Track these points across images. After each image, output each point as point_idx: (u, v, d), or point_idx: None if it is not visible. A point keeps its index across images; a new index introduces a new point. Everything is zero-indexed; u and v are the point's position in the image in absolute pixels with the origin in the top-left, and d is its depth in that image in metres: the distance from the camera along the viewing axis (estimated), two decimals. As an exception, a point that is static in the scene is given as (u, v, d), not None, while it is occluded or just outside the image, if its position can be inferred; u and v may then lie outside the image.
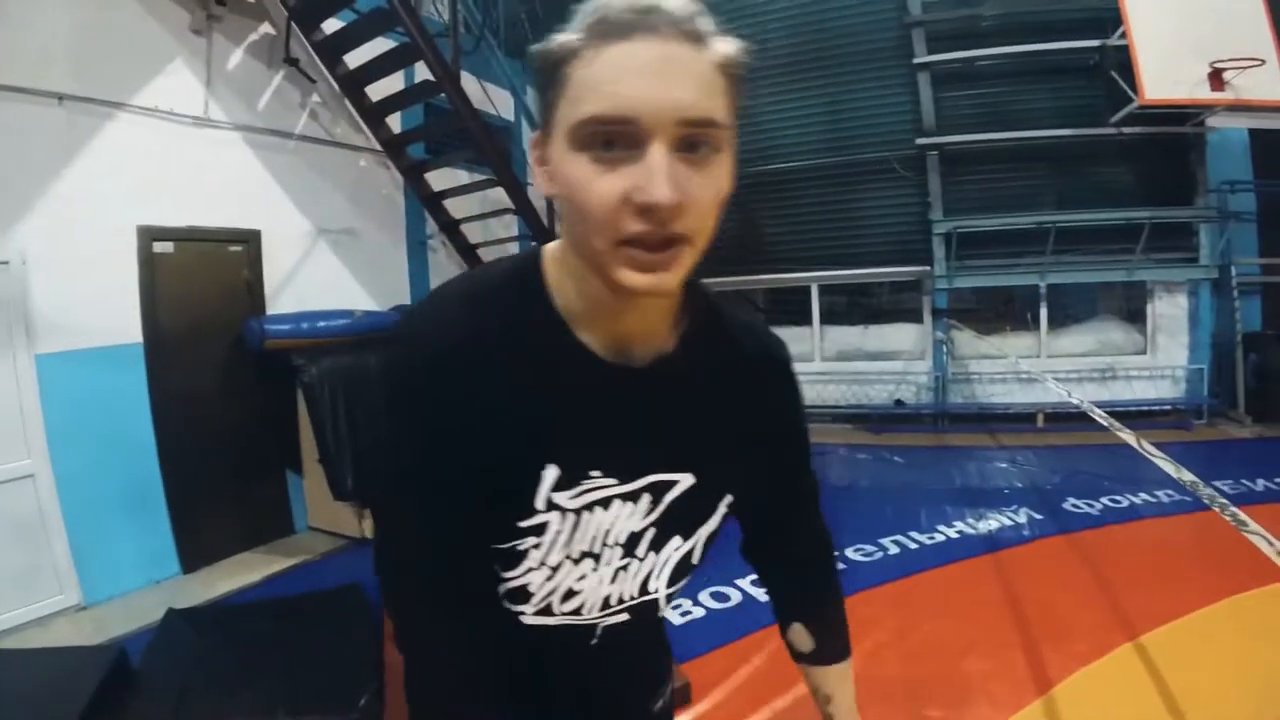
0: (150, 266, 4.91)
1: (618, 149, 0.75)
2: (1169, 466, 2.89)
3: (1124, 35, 6.59)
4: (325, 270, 6.16)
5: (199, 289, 5.22)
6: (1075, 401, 4.20)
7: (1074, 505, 5.37)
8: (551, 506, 0.93)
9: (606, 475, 0.95)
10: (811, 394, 9.13)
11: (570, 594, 1.00)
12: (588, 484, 0.94)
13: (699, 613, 4.08)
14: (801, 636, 1.24)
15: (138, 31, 4.81)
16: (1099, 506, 5.30)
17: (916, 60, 7.75)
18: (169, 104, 4.98)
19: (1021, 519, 5.21)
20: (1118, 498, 5.42)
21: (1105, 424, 3.61)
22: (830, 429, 8.74)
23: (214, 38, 5.25)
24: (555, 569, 0.97)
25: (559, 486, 0.92)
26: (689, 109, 0.75)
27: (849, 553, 4.77)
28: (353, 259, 6.45)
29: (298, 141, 5.88)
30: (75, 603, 4.50)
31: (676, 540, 1.04)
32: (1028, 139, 7.66)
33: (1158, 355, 7.95)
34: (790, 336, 9.45)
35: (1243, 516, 2.21)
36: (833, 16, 8.06)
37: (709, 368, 1.00)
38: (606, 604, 1.03)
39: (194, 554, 5.12)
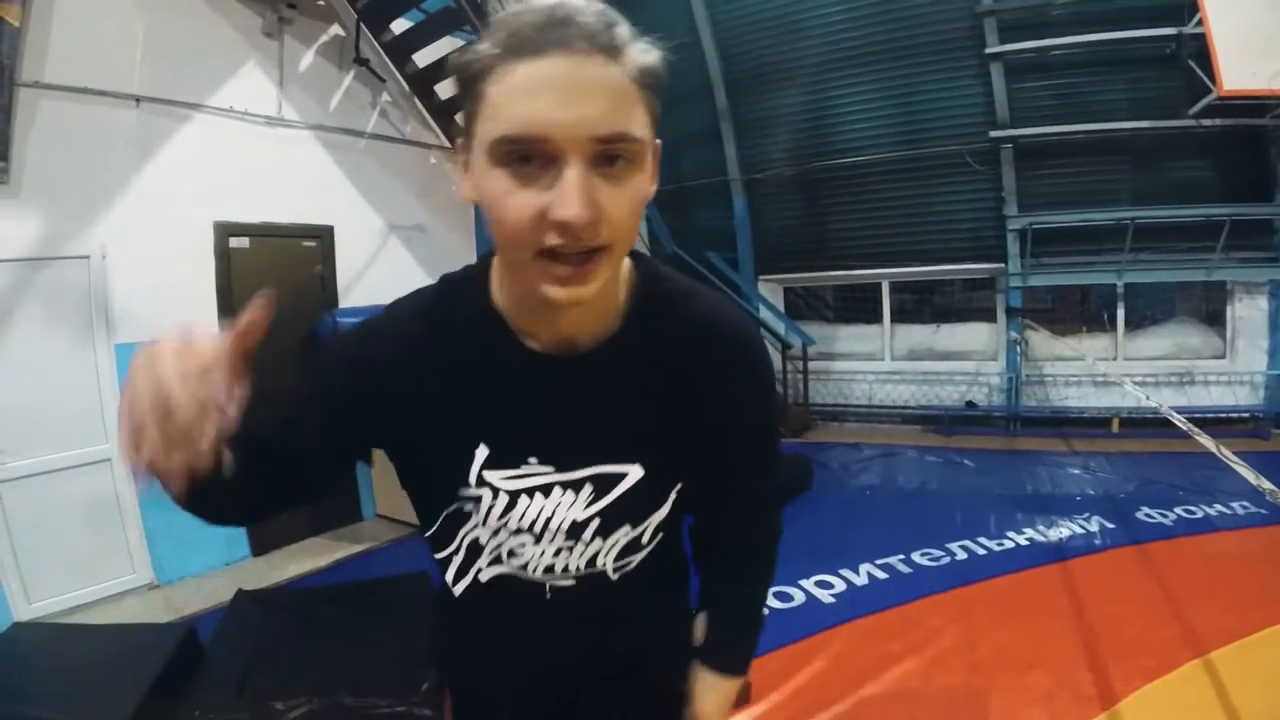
0: (226, 260, 5.08)
1: (534, 164, 0.76)
2: (1249, 474, 2.76)
3: (1200, 23, 6.32)
4: (396, 266, 6.28)
5: (273, 283, 5.25)
6: (1154, 406, 4.04)
7: (1147, 514, 5.19)
8: (483, 483, 1.00)
9: (544, 463, 0.99)
10: (881, 394, 9.00)
11: (513, 552, 1.05)
12: (525, 469, 0.99)
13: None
14: (699, 627, 1.23)
15: (211, 35, 5.00)
16: (1172, 517, 5.11)
17: (989, 50, 7.51)
18: (243, 104, 5.16)
19: (1093, 527, 5.04)
20: (1192, 508, 5.22)
21: (1184, 429, 3.47)
22: (899, 430, 8.59)
23: (285, 40, 5.42)
24: (495, 533, 1.04)
25: (490, 465, 0.99)
26: (601, 126, 0.75)
27: (915, 556, 4.68)
28: (422, 255, 6.56)
29: (368, 140, 6.01)
30: (147, 582, 4.72)
31: (625, 528, 1.06)
32: (1103, 131, 7.37)
33: (1236, 360, 7.57)
34: (860, 335, 9.37)
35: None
36: (903, 6, 7.85)
37: (656, 353, 0.99)
38: (550, 570, 1.06)
39: (264, 538, 5.30)
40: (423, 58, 5.92)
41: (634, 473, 1.01)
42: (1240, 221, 7.04)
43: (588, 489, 1.01)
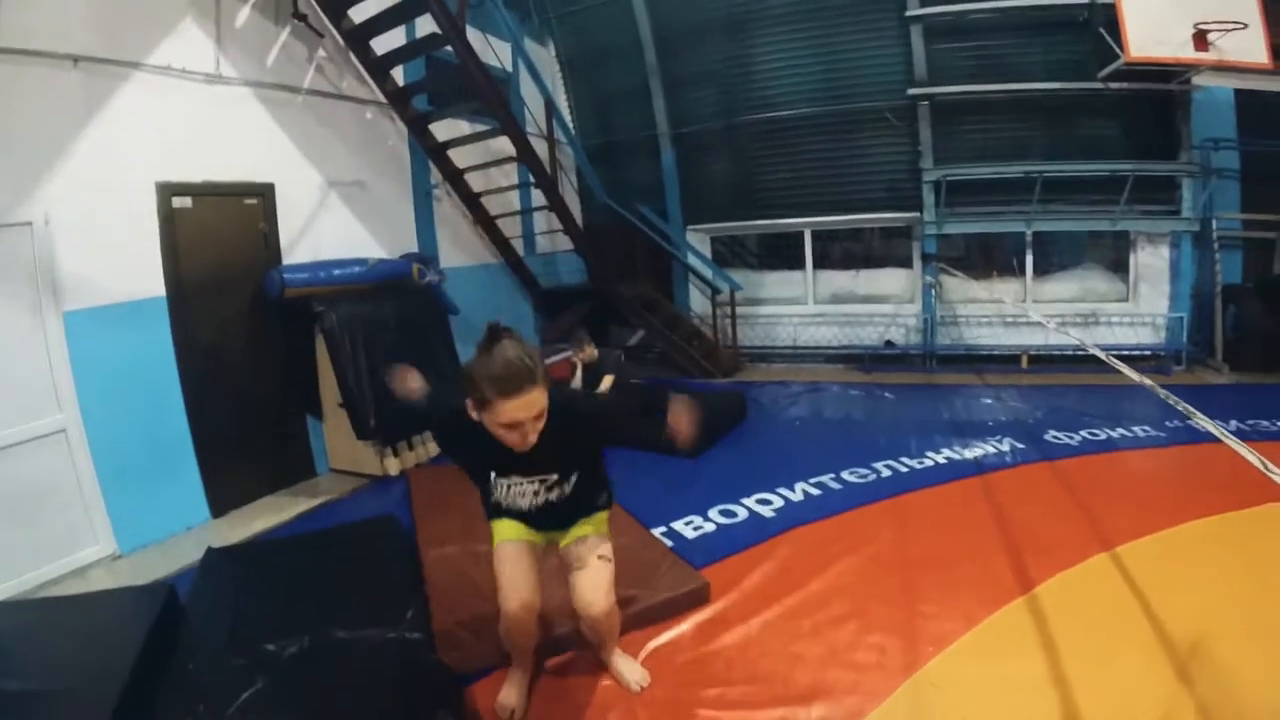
0: (170, 221, 5.04)
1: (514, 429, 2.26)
2: (1175, 403, 3.17)
3: (1112, -7, 6.73)
4: (336, 221, 6.34)
5: (217, 242, 5.37)
6: (1088, 348, 4.43)
7: (1054, 436, 5.66)
8: (498, 481, 2.62)
9: (517, 475, 2.59)
10: (805, 335, 9.43)
11: (515, 505, 2.66)
12: (513, 478, 2.60)
13: (710, 527, 4.40)
14: None
15: (147, -8, 4.89)
16: (1078, 439, 5.58)
17: (910, 13, 7.85)
18: (181, 62, 5.07)
19: (1005, 447, 5.50)
20: (1096, 431, 5.70)
21: (1118, 368, 3.86)
22: (823, 369, 9.04)
23: (222, -5, 5.34)
24: (506, 494, 2.65)
25: (497, 476, 2.62)
26: (537, 410, 2.24)
27: (845, 475, 5.08)
28: (362, 209, 6.62)
29: (306, 96, 6.00)
30: (110, 552, 4.66)
31: (560, 488, 2.62)
32: (1017, 91, 7.82)
33: (1140, 304, 8.20)
34: (784, 280, 9.72)
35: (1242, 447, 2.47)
36: (828, -32, 8.16)
37: (552, 430, 2.34)
38: (535, 506, 2.64)
39: (223, 499, 5.34)
40: (359, 12, 5.95)
41: (553, 474, 2.60)
42: (1145, 177, 7.59)
43: (537, 480, 2.59)
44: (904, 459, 5.35)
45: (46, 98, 4.34)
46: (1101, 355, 4.12)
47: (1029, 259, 8.58)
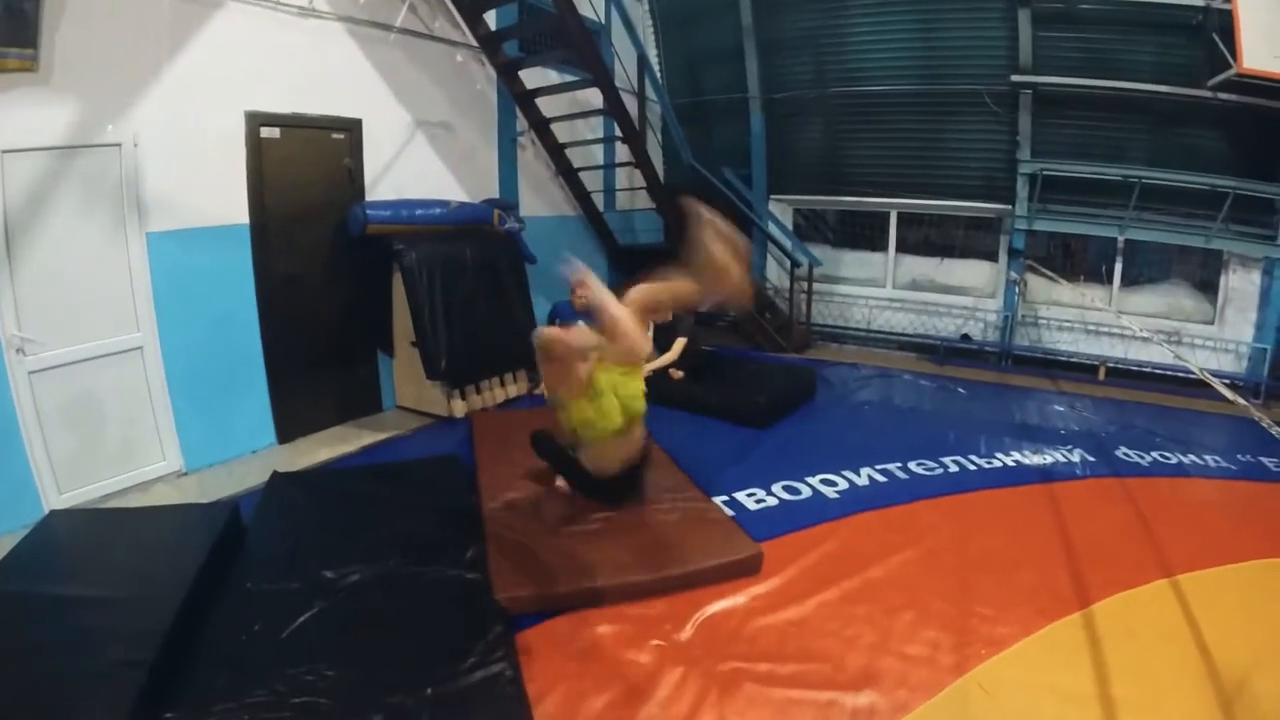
0: (257, 151, 5.10)
1: None
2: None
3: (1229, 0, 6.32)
4: (420, 161, 6.34)
5: (302, 174, 5.43)
6: (1197, 370, 4.21)
7: (1125, 454, 5.43)
8: None
9: None
10: (880, 319, 9.20)
11: None
12: None
13: (772, 501, 4.35)
14: None
15: (242, -77, 4.90)
16: (1149, 459, 5.35)
17: (1020, -5, 7.49)
18: (275, -5, 5.10)
19: (1075, 458, 5.30)
20: (1168, 454, 5.44)
21: (1226, 394, 3.68)
22: (895, 355, 8.80)
23: (317, -71, 5.34)
24: None
25: None
26: None
27: (912, 465, 4.96)
28: (446, 151, 6.61)
29: (398, 34, 5.96)
30: (176, 469, 4.81)
31: None
32: (1123, 90, 7.39)
33: (1224, 328, 7.73)
34: (863, 261, 9.48)
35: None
36: (934, -60, 7.81)
37: None
38: None
39: (290, 425, 5.46)
40: (455, -47, 5.88)
41: None
42: (1243, 196, 7.14)
43: None
44: (973, 457, 5.19)
45: (141, 22, 4.40)
46: (1211, 380, 3.90)
47: (1118, 267, 8.17)
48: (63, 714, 2.26)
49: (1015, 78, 7.74)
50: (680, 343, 6.26)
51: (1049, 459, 5.25)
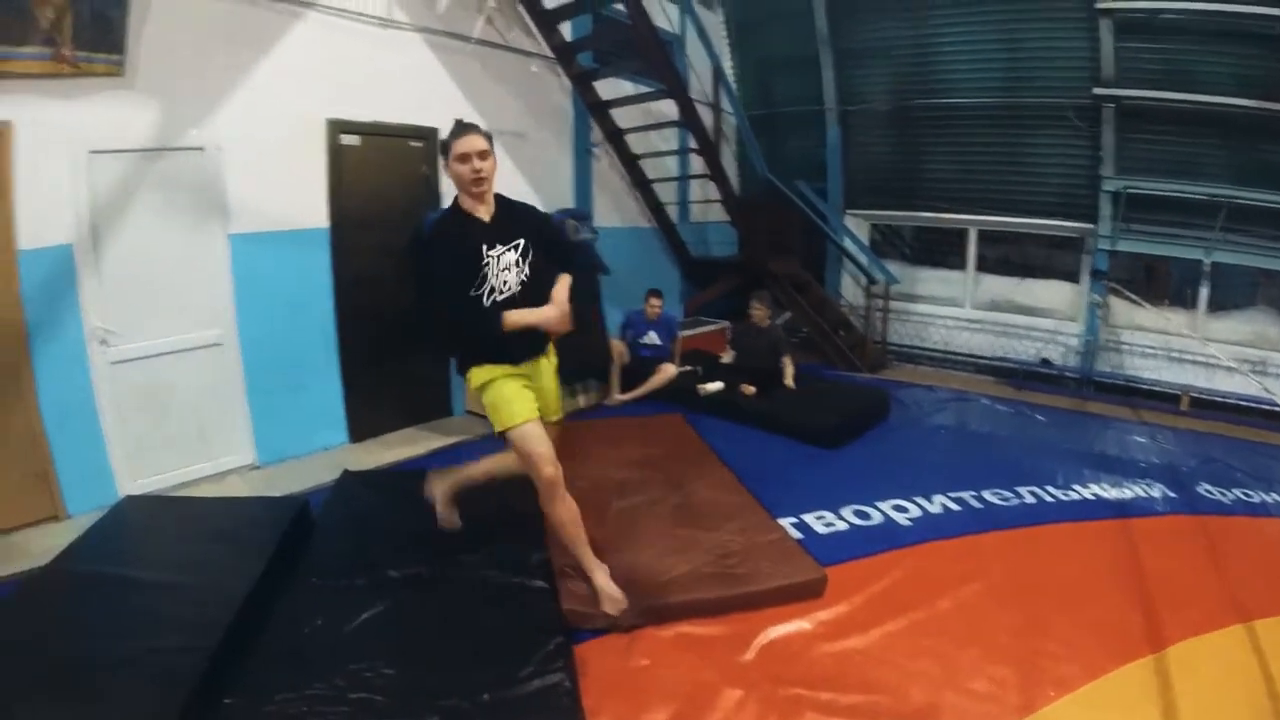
0: (337, 157, 5.23)
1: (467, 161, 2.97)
2: None
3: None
4: (496, 171, 6.34)
5: (381, 181, 5.54)
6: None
7: (1207, 490, 5.16)
8: (485, 258, 2.99)
9: (500, 245, 3.03)
10: (957, 341, 8.94)
11: (503, 285, 3.03)
12: (497, 249, 3.02)
13: (842, 526, 4.23)
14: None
15: (325, -63, 5.04)
16: (1231, 497, 5.07)
17: (1100, 5, 7.20)
18: (356, 5, 5.22)
19: (1154, 493, 5.06)
20: (1250, 492, 5.16)
21: None
22: (972, 378, 8.53)
23: (396, -58, 5.45)
24: (497, 275, 3.01)
25: (488, 249, 3.00)
26: (479, 149, 2.99)
27: (986, 494, 4.79)
28: (522, 161, 6.68)
29: (474, 45, 6.05)
30: (250, 462, 4.97)
31: (529, 260, 3.10)
32: (1213, 105, 7.06)
33: (1314, 358, 7.35)
34: (940, 279, 9.24)
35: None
36: (1012, -50, 7.58)
37: (507, 212, 3.14)
38: (512, 287, 3.05)
39: (361, 426, 5.57)
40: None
41: (520, 242, 3.09)
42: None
43: (512, 249, 3.06)
44: (1049, 488, 4.99)
45: (223, 29, 4.56)
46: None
47: (1204, 291, 7.77)
48: (124, 694, 2.31)
49: (1098, 90, 7.45)
50: (788, 365, 6.27)
51: (1127, 493, 5.02)
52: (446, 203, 5.83)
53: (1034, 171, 8.30)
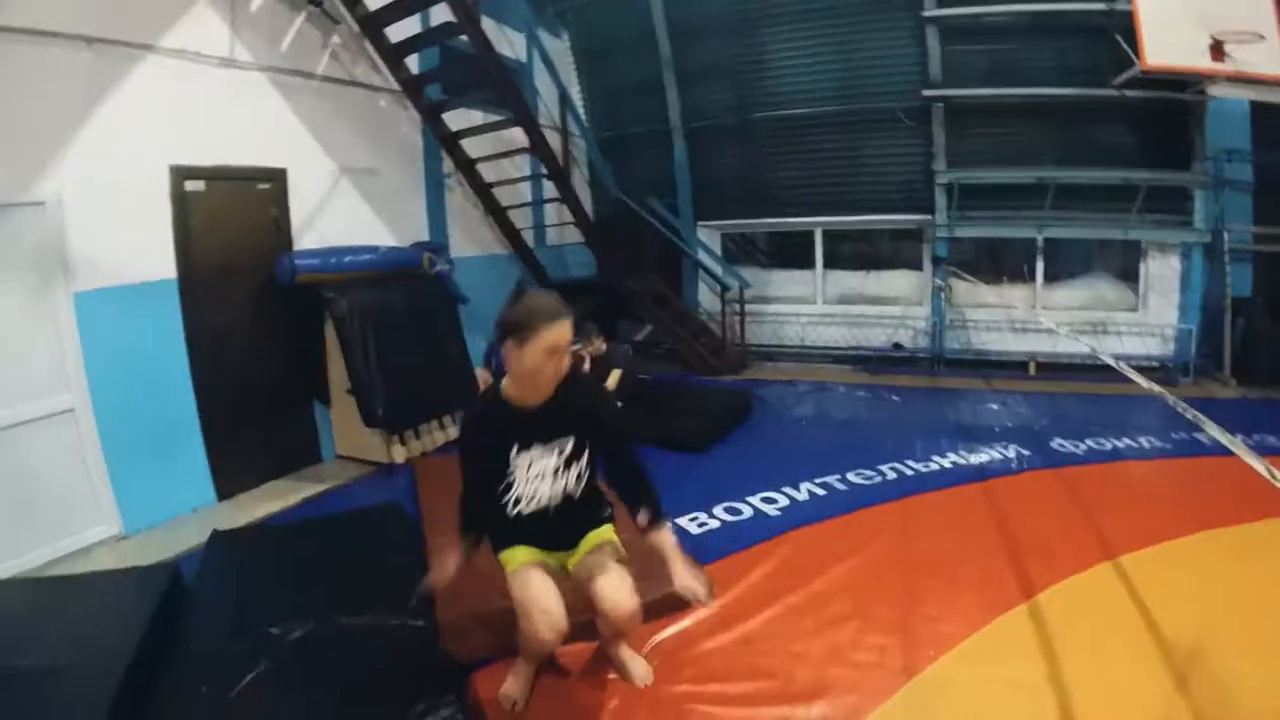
0: (182, 204, 5.05)
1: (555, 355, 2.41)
2: (1187, 413, 3.17)
3: (1130, 0, 6.67)
4: (348, 208, 6.35)
5: (229, 226, 5.38)
6: (1102, 356, 4.41)
7: (1060, 444, 5.64)
8: (518, 457, 2.55)
9: (538, 445, 2.56)
10: (813, 335, 9.43)
11: (534, 495, 2.58)
12: (533, 449, 2.56)
13: (714, 524, 4.41)
14: (642, 516, 2.63)
15: (162, -25, 4.89)
16: (1084, 447, 5.56)
17: (926, 13, 7.82)
18: (195, 46, 5.08)
19: (1011, 454, 5.49)
20: (1102, 441, 5.67)
21: (1131, 377, 3.86)
22: (829, 369, 9.01)
23: (237, -21, 5.34)
24: (526, 484, 2.56)
25: (519, 451, 2.55)
26: (569, 338, 2.43)
27: (850, 476, 5.08)
28: (374, 197, 6.63)
29: (320, 82, 5.99)
30: (115, 533, 4.68)
31: (574, 467, 2.61)
32: (1033, 96, 7.79)
33: (1149, 314, 8.16)
34: (793, 280, 9.71)
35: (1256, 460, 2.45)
36: (844, -34, 8.14)
37: (565, 401, 2.54)
38: (553, 497, 2.60)
39: (228, 482, 5.36)
40: (374, 0, 5.93)
41: (570, 441, 2.59)
42: (1157, 187, 7.56)
43: (555, 450, 2.57)
44: (910, 462, 5.35)
45: (60, 78, 4.36)
46: (1115, 364, 4.11)
47: (1039, 265, 8.54)
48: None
49: (927, 92, 8.08)
50: (616, 373, 6.33)
51: (985, 457, 5.43)
52: (299, 245, 5.94)
53: (872, 171, 8.90)
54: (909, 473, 5.17)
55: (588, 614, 2.88)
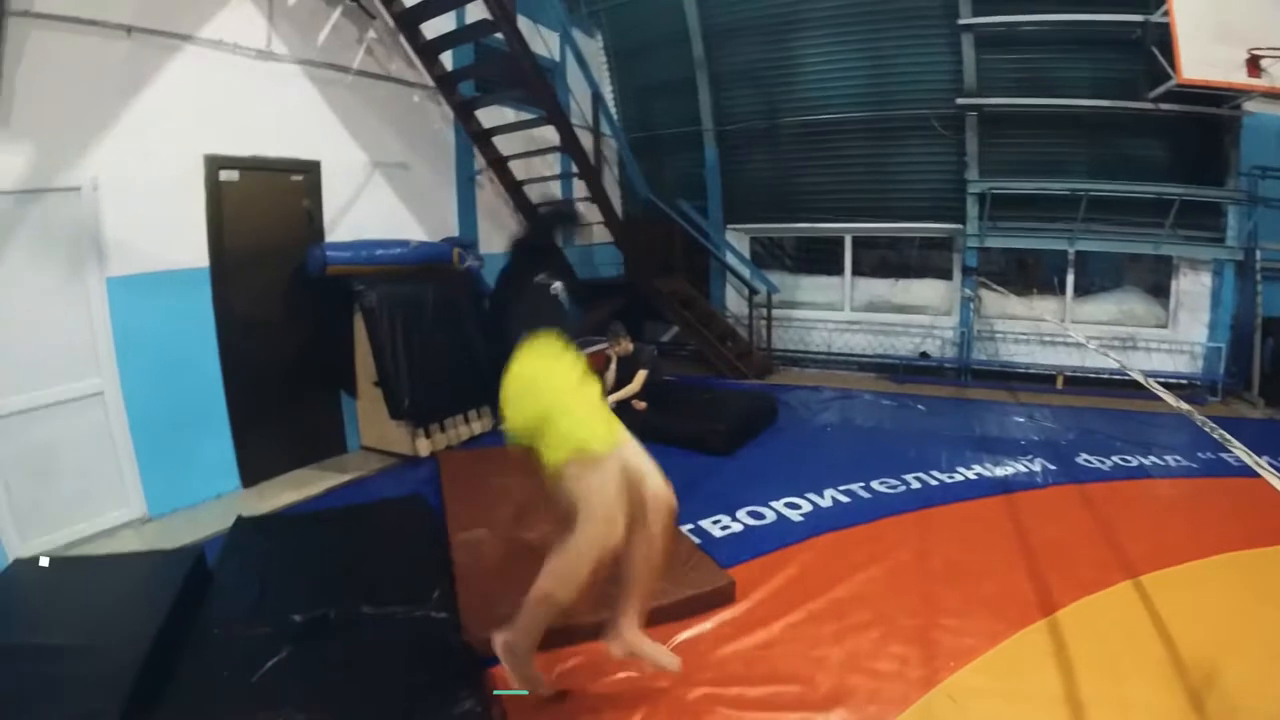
0: (216, 194, 5.11)
1: None
2: (1215, 433, 3.10)
3: (1166, 13, 6.56)
4: (379, 201, 6.38)
5: (262, 216, 5.43)
6: (1131, 373, 4.33)
7: (1086, 460, 5.58)
8: None
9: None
10: (839, 342, 9.37)
11: None
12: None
13: (737, 527, 4.41)
14: None
15: (201, -34, 4.94)
16: (1109, 464, 5.50)
17: (962, 21, 7.75)
18: (233, 37, 5.13)
19: (1036, 468, 5.44)
20: (1128, 458, 5.61)
21: (1161, 395, 3.78)
22: (856, 376, 8.97)
23: (275, -28, 5.39)
24: None
25: None
26: None
27: (874, 484, 5.06)
28: (404, 191, 6.67)
29: (355, 76, 6.04)
30: (140, 515, 4.74)
31: None
32: (1068, 107, 7.70)
33: (1178, 330, 8.02)
34: (821, 285, 9.66)
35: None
36: (880, -29, 8.09)
37: None
38: None
39: (253, 469, 5.41)
40: (411, -3, 5.98)
41: None
42: (1190, 202, 7.42)
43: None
44: (934, 472, 5.31)
45: (98, 66, 4.40)
46: (1145, 381, 4.04)
47: (1069, 278, 8.43)
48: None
49: (961, 100, 8.01)
50: (641, 374, 6.33)
51: (1010, 470, 5.38)
52: (330, 237, 5.98)
53: (903, 179, 8.83)
54: (933, 483, 5.13)
55: (599, 615, 2.90)
